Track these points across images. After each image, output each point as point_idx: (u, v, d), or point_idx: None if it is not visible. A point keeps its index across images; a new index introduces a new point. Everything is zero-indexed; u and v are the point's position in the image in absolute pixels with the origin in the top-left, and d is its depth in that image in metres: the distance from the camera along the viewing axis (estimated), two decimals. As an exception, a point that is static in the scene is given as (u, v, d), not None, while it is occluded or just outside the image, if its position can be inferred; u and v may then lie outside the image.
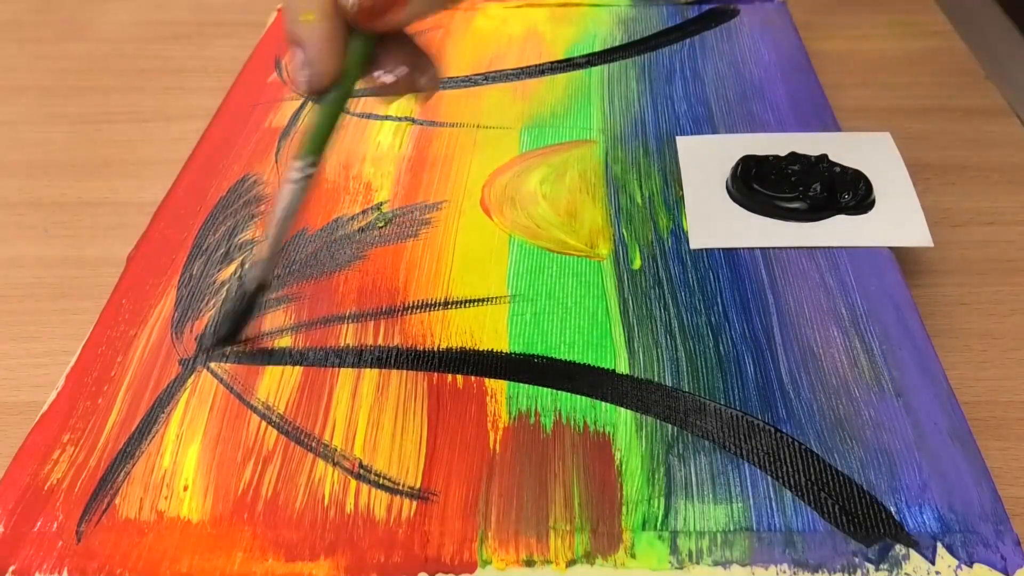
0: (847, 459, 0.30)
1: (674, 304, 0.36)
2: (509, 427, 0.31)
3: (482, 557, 0.27)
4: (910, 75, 0.55)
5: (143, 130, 0.53)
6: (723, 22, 0.55)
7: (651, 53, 0.52)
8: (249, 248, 0.39)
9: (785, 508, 0.28)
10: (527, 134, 0.46)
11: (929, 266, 0.41)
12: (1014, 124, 0.50)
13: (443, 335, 0.35)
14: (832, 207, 0.39)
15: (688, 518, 0.28)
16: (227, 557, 0.28)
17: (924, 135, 0.49)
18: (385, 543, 0.28)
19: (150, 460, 0.31)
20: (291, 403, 0.32)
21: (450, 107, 0.48)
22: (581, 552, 0.27)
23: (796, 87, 0.48)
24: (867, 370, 0.33)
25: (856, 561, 0.27)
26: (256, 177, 0.43)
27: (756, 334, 0.34)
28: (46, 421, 0.32)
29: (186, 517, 0.29)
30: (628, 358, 0.34)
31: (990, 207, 0.44)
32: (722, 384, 0.32)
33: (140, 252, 0.39)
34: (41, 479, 0.30)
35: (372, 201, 0.42)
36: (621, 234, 0.39)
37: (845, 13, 0.62)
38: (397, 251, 0.39)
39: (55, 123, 0.54)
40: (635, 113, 0.47)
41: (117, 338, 0.35)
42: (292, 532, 0.28)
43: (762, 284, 0.36)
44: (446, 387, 0.33)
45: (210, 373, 0.34)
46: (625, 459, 0.30)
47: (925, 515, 0.28)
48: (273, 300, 0.36)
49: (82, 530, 0.29)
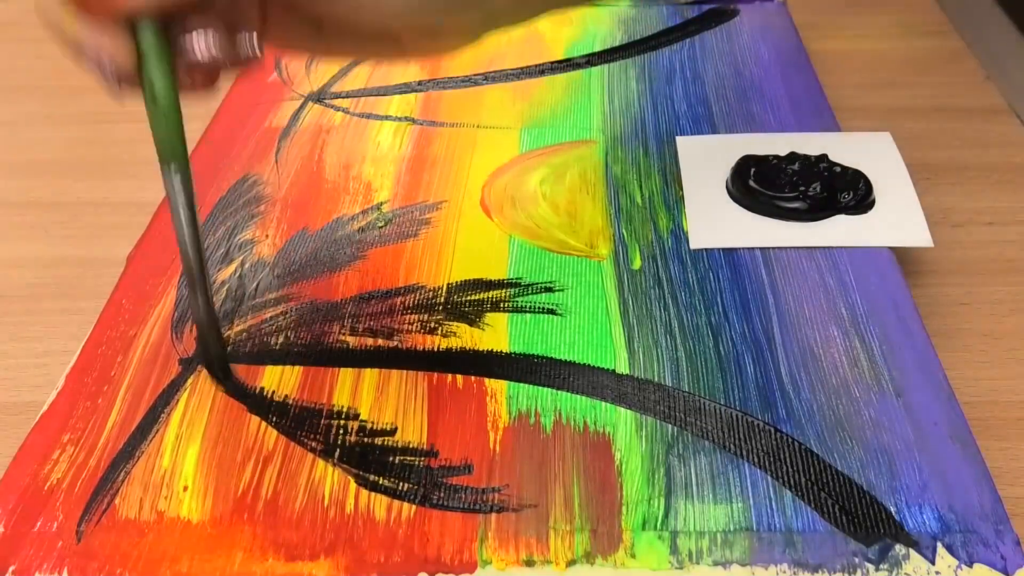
0: (847, 459, 0.30)
1: (674, 304, 0.36)
2: (509, 427, 0.31)
3: (482, 557, 0.27)
4: (910, 75, 0.55)
5: (143, 130, 0.52)
6: (723, 22, 0.55)
7: (651, 53, 0.52)
8: (249, 248, 0.39)
9: (785, 508, 0.28)
10: (527, 134, 0.46)
11: (929, 266, 0.41)
12: (1014, 124, 0.50)
13: (443, 335, 0.35)
14: (832, 207, 0.39)
15: (688, 518, 0.28)
16: (227, 557, 0.28)
17: (924, 135, 0.49)
18: (385, 543, 0.28)
19: (150, 460, 0.31)
20: (291, 403, 0.32)
21: (450, 107, 0.48)
22: (581, 552, 0.27)
23: (796, 87, 0.48)
24: (867, 370, 0.33)
25: (856, 561, 0.27)
26: (256, 177, 0.43)
27: (756, 334, 0.34)
28: (46, 421, 0.32)
29: (186, 517, 0.29)
30: (628, 358, 0.34)
31: (990, 207, 0.44)
32: (722, 384, 0.32)
33: (140, 252, 0.39)
34: (41, 479, 0.30)
35: (372, 201, 0.42)
36: (621, 234, 0.39)
37: (845, 13, 0.62)
38: (397, 251, 0.39)
39: (55, 123, 0.54)
40: (635, 113, 0.47)
41: (117, 338, 0.35)
42: (292, 532, 0.28)
43: (762, 284, 0.36)
44: (446, 387, 0.33)
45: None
46: (625, 459, 0.30)
47: (925, 515, 0.28)
48: (273, 300, 0.37)
49: (82, 530, 0.29)
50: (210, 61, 0.26)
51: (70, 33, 0.26)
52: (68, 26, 0.25)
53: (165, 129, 0.27)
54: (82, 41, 0.26)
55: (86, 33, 0.26)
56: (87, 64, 0.26)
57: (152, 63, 0.26)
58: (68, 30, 0.26)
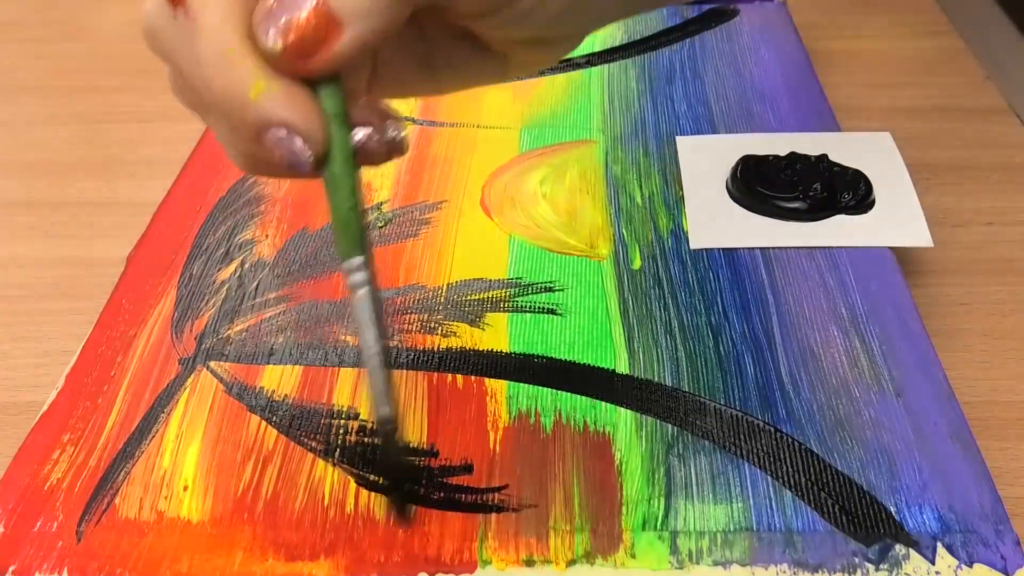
0: (847, 459, 0.30)
1: (674, 304, 0.36)
2: (509, 427, 0.31)
3: (482, 557, 0.27)
4: (910, 75, 0.55)
5: (143, 130, 0.53)
6: (723, 22, 0.55)
7: (651, 53, 0.52)
8: (249, 248, 0.39)
9: (785, 508, 0.28)
10: (527, 134, 0.46)
11: (929, 266, 0.41)
12: (1014, 124, 0.50)
13: (443, 335, 0.35)
14: (832, 207, 0.39)
15: (688, 518, 0.28)
16: (227, 557, 0.28)
17: (924, 135, 0.49)
18: (385, 543, 0.28)
19: (150, 460, 0.31)
20: (291, 403, 0.32)
21: (450, 107, 0.48)
22: (581, 552, 0.27)
23: (796, 87, 0.48)
24: (867, 370, 0.33)
25: (856, 561, 0.27)
26: (256, 177, 0.43)
27: (756, 334, 0.34)
28: (46, 421, 0.32)
29: (186, 517, 0.29)
30: (628, 358, 0.34)
31: (990, 207, 0.44)
32: (722, 384, 0.32)
33: (140, 252, 0.39)
34: (41, 479, 0.30)
35: (372, 201, 0.42)
36: (621, 234, 0.39)
37: (846, 13, 0.62)
38: (397, 251, 0.39)
39: (55, 123, 0.54)
40: (635, 113, 0.47)
41: (117, 338, 0.35)
42: (292, 532, 0.28)
43: (762, 284, 0.36)
44: (446, 387, 0.33)
45: (210, 373, 0.34)
46: (625, 459, 0.30)
47: (925, 515, 0.28)
48: (273, 299, 0.37)
49: (82, 530, 0.29)
50: (365, 141, 0.23)
51: (258, 100, 0.20)
52: (257, 90, 0.20)
53: (350, 207, 0.22)
54: (272, 111, 0.21)
55: (279, 98, 0.21)
56: (271, 141, 0.21)
57: (337, 130, 0.22)
58: (256, 96, 0.20)
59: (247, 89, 0.20)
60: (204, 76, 0.21)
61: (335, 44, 0.21)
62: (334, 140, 0.22)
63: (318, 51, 0.21)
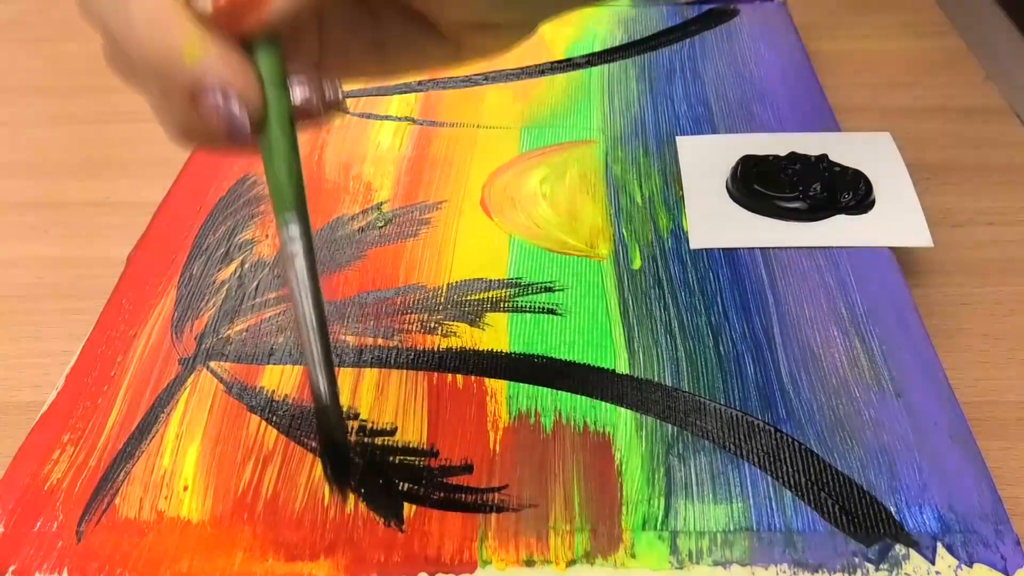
0: (847, 459, 0.30)
1: (674, 304, 0.36)
2: (509, 427, 0.31)
3: (482, 557, 0.27)
4: (910, 75, 0.55)
5: (143, 130, 0.53)
6: (723, 22, 0.55)
7: (651, 53, 0.52)
8: (249, 248, 0.39)
9: (785, 508, 0.28)
10: (527, 134, 0.46)
11: (929, 266, 0.41)
12: (1014, 124, 0.50)
13: (443, 335, 0.35)
14: (832, 207, 0.39)
15: (688, 518, 0.28)
16: (227, 557, 0.28)
17: (924, 135, 0.49)
18: (385, 543, 0.28)
19: (150, 460, 0.31)
20: (291, 403, 0.32)
21: (450, 107, 0.48)
22: (581, 552, 0.27)
23: (796, 87, 0.48)
24: (867, 370, 0.33)
25: (856, 561, 0.27)
26: (256, 177, 0.43)
27: (756, 334, 0.34)
28: (46, 421, 0.32)
29: (186, 517, 0.29)
30: (628, 358, 0.34)
31: (990, 207, 0.44)
32: (722, 384, 0.32)
33: (140, 252, 0.39)
34: (41, 479, 0.30)
35: (372, 201, 0.42)
36: (621, 234, 0.39)
37: (846, 13, 0.62)
38: (397, 251, 0.39)
39: (55, 123, 0.54)
40: (635, 113, 0.47)
41: (117, 338, 0.35)
42: (292, 532, 0.28)
43: (762, 284, 0.36)
44: (446, 387, 0.33)
45: (210, 372, 0.34)
46: (625, 459, 0.30)
47: (925, 515, 0.28)
48: (273, 299, 0.37)
49: (82, 530, 0.29)
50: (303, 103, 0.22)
51: (192, 62, 0.20)
52: (191, 53, 0.20)
53: (287, 172, 0.22)
54: (207, 73, 0.20)
55: (214, 60, 0.20)
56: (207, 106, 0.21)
57: (273, 92, 0.22)
58: (190, 58, 0.20)
59: (181, 52, 0.20)
60: (137, 40, 0.21)
61: (268, 3, 0.21)
62: (271, 103, 0.22)
63: (251, 11, 0.21)
